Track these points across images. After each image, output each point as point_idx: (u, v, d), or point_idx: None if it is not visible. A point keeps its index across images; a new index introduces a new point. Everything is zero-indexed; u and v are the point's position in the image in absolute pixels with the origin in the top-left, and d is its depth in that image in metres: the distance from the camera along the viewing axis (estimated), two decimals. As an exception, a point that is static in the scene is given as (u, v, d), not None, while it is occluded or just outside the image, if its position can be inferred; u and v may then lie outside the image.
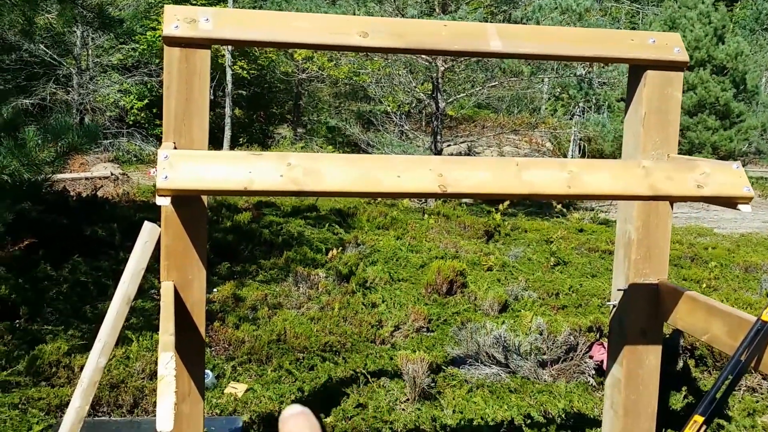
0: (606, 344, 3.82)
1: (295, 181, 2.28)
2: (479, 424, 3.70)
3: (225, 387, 4.11)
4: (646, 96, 3.06)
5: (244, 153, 2.37)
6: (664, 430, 3.58)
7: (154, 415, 1.95)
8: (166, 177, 2.23)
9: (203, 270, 2.82)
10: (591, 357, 4.38)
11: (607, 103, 18.19)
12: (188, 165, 2.26)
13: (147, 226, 2.72)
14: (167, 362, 2.10)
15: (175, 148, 2.72)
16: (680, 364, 4.31)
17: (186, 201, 2.72)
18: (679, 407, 3.88)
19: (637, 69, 3.12)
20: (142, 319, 4.86)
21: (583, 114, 18.89)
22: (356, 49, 2.74)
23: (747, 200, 2.61)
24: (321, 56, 17.76)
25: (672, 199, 2.97)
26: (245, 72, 19.60)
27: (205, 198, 2.88)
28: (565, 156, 19.02)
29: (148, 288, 5.38)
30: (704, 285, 6.58)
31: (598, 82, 16.39)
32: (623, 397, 3.20)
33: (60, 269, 5.69)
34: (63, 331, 4.65)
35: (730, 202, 2.64)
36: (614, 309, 3.31)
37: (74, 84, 16.27)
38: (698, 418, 2.58)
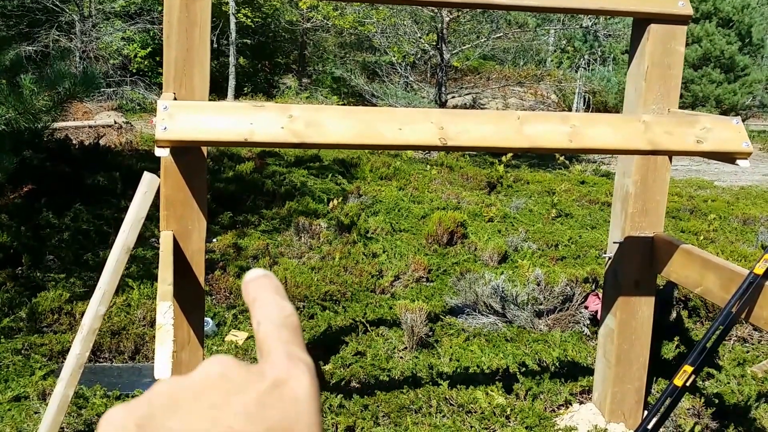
0: (601, 295, 3.87)
1: (296, 133, 2.29)
2: (475, 372, 3.78)
3: (226, 335, 4.18)
4: (648, 50, 3.03)
5: (245, 104, 2.37)
6: (655, 378, 3.66)
7: (154, 361, 2.00)
8: (165, 128, 2.24)
9: (203, 220, 2.84)
10: (586, 307, 4.44)
11: (612, 55, 17.95)
12: (188, 116, 2.27)
13: (146, 176, 2.74)
14: (165, 311, 2.15)
15: (176, 98, 2.73)
16: (673, 314, 4.37)
17: (185, 152, 2.74)
18: (671, 356, 3.95)
19: (641, 22, 3.08)
20: (142, 267, 4.92)
21: (589, 66, 18.67)
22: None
23: (746, 155, 2.61)
24: (326, 5, 17.49)
25: (671, 154, 2.97)
26: (249, 20, 19.34)
27: (204, 149, 2.89)
28: (570, 108, 18.87)
29: (149, 236, 5.43)
30: (702, 237, 6.61)
31: (604, 34, 16.14)
32: (616, 347, 3.26)
33: (62, 217, 5.73)
34: (65, 279, 4.71)
35: (728, 157, 2.64)
36: (609, 261, 3.34)
37: (77, 31, 16.10)
38: (688, 368, 2.64)
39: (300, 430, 0.35)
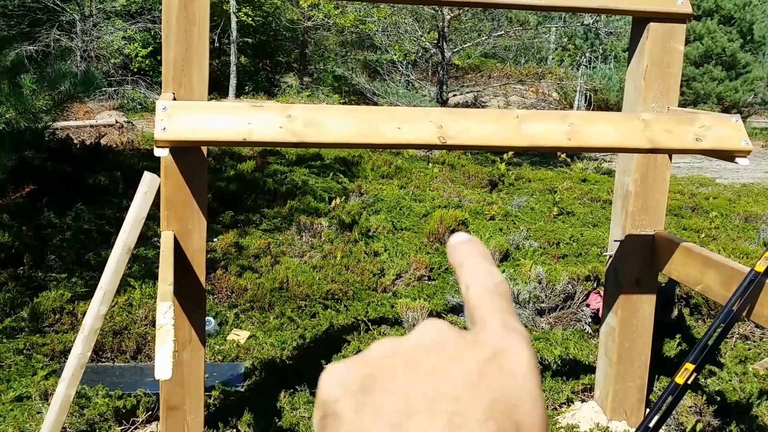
0: (602, 293, 3.87)
1: (295, 132, 2.29)
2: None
3: (227, 334, 4.19)
4: (648, 48, 3.03)
5: (243, 104, 2.37)
6: (657, 376, 3.66)
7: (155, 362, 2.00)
8: (164, 128, 2.25)
9: (203, 220, 2.85)
10: (588, 305, 4.44)
11: (614, 53, 17.92)
12: (187, 116, 2.27)
13: (147, 176, 2.74)
14: (165, 311, 2.15)
15: (175, 98, 2.73)
16: (675, 312, 4.37)
17: (185, 151, 2.74)
18: (673, 354, 3.95)
19: (640, 21, 3.08)
20: (144, 267, 4.93)
21: (590, 64, 18.65)
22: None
23: (745, 154, 2.61)
24: (327, 3, 17.48)
25: (670, 152, 2.97)
26: (250, 19, 19.34)
27: (205, 148, 2.90)
28: (571, 106, 18.85)
29: (150, 236, 5.43)
30: (703, 235, 6.60)
31: (605, 32, 16.11)
32: (617, 345, 3.26)
33: (63, 217, 5.74)
34: (66, 279, 4.72)
35: (728, 156, 2.64)
36: (610, 259, 3.34)
37: (78, 30, 16.11)
38: (689, 366, 2.64)
39: (524, 404, 0.34)
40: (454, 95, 15.71)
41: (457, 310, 4.67)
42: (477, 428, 0.32)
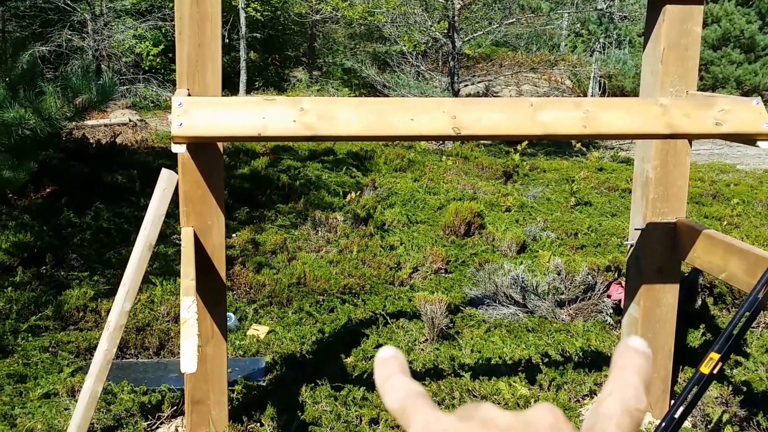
0: (624, 283, 3.84)
1: (309, 126, 2.28)
2: (497, 363, 3.77)
3: (247, 329, 4.20)
4: (664, 31, 2.99)
5: (257, 98, 2.37)
6: (681, 366, 3.63)
7: (180, 356, 2.01)
8: (180, 124, 2.25)
9: (222, 215, 2.85)
10: (609, 296, 4.41)
11: (628, 38, 17.75)
12: (202, 112, 2.27)
13: (164, 173, 2.75)
14: (189, 306, 2.16)
15: (189, 94, 2.73)
16: (698, 301, 4.33)
17: (202, 148, 2.74)
18: (697, 344, 3.92)
19: (656, 3, 3.04)
20: (164, 264, 4.95)
21: (604, 50, 18.49)
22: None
23: (767, 137, 2.57)
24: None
25: (690, 137, 2.93)
26: (259, 14, 19.33)
27: (220, 144, 2.90)
28: (585, 93, 18.71)
29: (170, 233, 5.46)
30: (725, 222, 6.53)
31: (620, 16, 15.96)
32: (640, 335, 3.23)
33: (83, 216, 5.78)
34: (88, 277, 4.76)
35: (749, 139, 2.60)
36: (632, 248, 3.31)
37: (89, 30, 16.18)
38: (714, 355, 2.60)
39: None
40: (466, 85, 15.63)
41: (476, 302, 4.65)
42: None
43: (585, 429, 0.37)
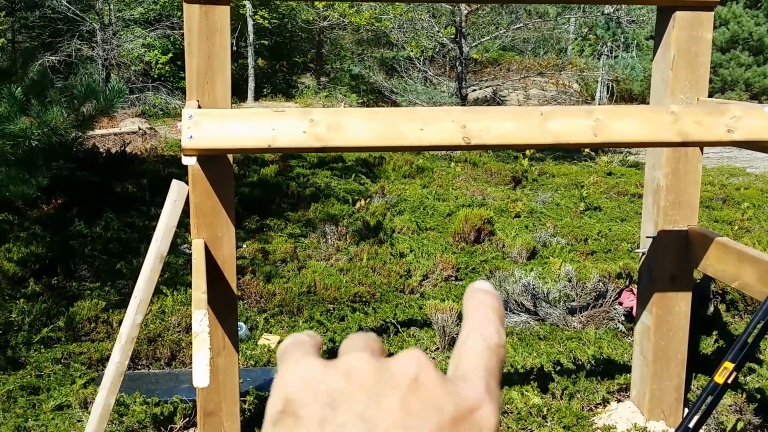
0: (636, 290, 3.82)
1: (319, 137, 2.28)
2: (509, 372, 3.75)
3: (258, 338, 4.20)
4: (674, 38, 2.98)
5: (266, 110, 2.37)
6: (694, 374, 3.60)
7: (191, 367, 2.01)
8: (191, 137, 2.25)
9: (232, 226, 2.86)
10: (620, 303, 4.39)
11: (636, 42, 17.71)
12: (212, 124, 2.27)
13: (175, 184, 2.75)
14: (201, 319, 2.16)
15: (199, 106, 2.74)
16: (711, 308, 4.30)
17: (212, 159, 2.75)
18: (710, 351, 3.89)
19: (665, 10, 3.03)
20: (175, 275, 4.96)
21: (612, 53, 18.45)
22: None
23: (779, 144, 2.55)
24: (342, 3, 17.48)
25: (701, 145, 2.92)
26: (266, 21, 19.41)
27: (230, 155, 2.90)
28: (592, 97, 18.66)
29: (180, 243, 5.47)
30: (736, 227, 6.49)
31: (627, 20, 15.93)
32: (653, 343, 3.21)
33: (93, 226, 5.80)
34: (99, 288, 4.77)
35: (761, 146, 2.59)
36: (643, 256, 3.29)
37: (98, 39, 16.28)
38: (728, 365, 2.58)
39: None
40: (473, 90, 15.62)
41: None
42: None
43: (451, 372, 0.37)
